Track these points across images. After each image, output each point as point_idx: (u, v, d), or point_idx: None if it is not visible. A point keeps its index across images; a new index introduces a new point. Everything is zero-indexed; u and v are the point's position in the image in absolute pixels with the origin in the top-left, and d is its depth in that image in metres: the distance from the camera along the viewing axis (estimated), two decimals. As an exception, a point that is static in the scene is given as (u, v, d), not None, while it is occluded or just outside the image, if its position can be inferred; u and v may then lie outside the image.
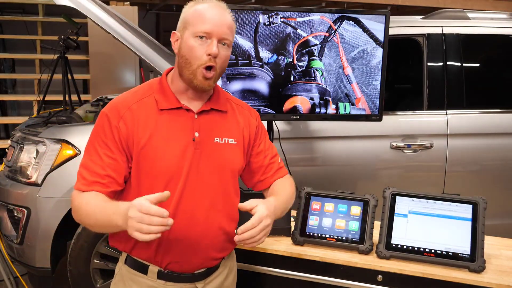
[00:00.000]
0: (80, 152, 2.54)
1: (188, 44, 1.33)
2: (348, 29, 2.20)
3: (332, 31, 2.19)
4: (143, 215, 1.13)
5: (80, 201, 1.32)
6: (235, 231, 1.30)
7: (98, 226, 1.30)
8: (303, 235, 1.76)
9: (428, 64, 2.87)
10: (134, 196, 1.29)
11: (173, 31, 1.39)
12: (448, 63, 2.88)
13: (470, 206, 1.70)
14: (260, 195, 1.55)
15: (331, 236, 1.75)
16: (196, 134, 1.37)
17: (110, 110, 1.36)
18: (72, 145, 2.54)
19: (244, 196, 1.74)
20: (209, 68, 1.33)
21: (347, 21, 2.19)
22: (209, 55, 1.32)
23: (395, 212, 1.74)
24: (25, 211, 2.56)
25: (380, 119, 2.32)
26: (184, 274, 1.40)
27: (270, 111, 2.23)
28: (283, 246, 1.76)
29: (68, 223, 2.60)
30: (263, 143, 1.56)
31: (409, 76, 3.89)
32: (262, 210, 1.30)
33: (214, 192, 1.39)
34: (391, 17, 2.25)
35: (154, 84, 1.43)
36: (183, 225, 1.34)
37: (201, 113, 1.40)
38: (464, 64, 2.90)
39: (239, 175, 1.52)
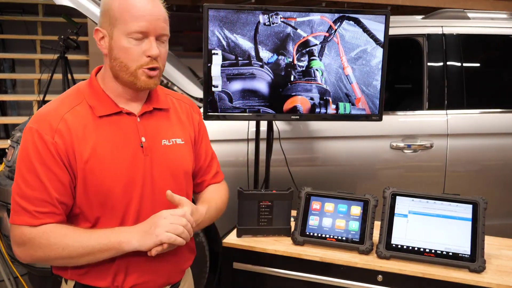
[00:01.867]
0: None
1: (121, 46, 1.19)
2: (348, 29, 2.20)
3: (332, 31, 2.19)
4: (179, 218, 1.16)
5: (46, 237, 1.14)
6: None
7: (81, 255, 1.16)
8: (303, 235, 1.76)
9: (428, 64, 2.87)
10: (87, 218, 1.21)
11: (96, 28, 1.22)
12: (448, 63, 2.88)
13: (470, 206, 1.69)
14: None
15: (331, 236, 1.75)
16: (143, 139, 1.26)
17: (39, 125, 1.17)
18: (72, 145, 2.54)
19: (245, 197, 1.75)
20: (151, 68, 1.22)
21: (347, 21, 2.19)
22: (149, 56, 1.20)
23: (395, 212, 1.74)
24: (25, 211, 2.56)
25: (380, 119, 2.32)
26: None
27: (270, 111, 2.23)
28: (283, 246, 1.75)
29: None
30: (204, 141, 1.47)
31: (409, 76, 3.89)
32: (188, 211, 1.21)
33: (170, 203, 1.28)
34: (391, 17, 2.25)
35: (83, 89, 1.26)
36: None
37: (143, 115, 1.28)
38: (464, 64, 2.90)
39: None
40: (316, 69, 2.22)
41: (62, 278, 1.31)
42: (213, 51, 2.11)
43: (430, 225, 1.69)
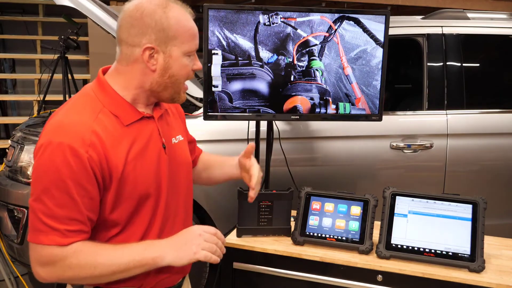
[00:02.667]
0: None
1: (181, 63, 1.22)
2: (348, 29, 2.20)
3: (332, 31, 2.19)
4: (212, 236, 1.21)
5: (78, 256, 1.12)
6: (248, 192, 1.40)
7: (114, 273, 1.15)
8: (303, 235, 1.76)
9: (428, 64, 2.87)
10: (117, 224, 1.20)
11: (148, 45, 1.18)
12: (448, 63, 2.88)
13: (470, 206, 1.70)
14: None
15: (331, 236, 1.75)
16: (164, 140, 1.30)
17: (69, 138, 1.11)
18: (72, 145, 2.54)
19: (245, 197, 1.75)
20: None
21: (347, 21, 2.19)
22: (195, 70, 1.26)
23: (395, 212, 1.74)
24: (26, 211, 2.56)
25: (380, 119, 2.32)
26: None
27: (270, 111, 2.23)
28: (283, 246, 1.75)
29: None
30: (186, 130, 1.53)
31: (409, 76, 3.89)
32: (254, 160, 1.43)
33: (184, 194, 1.37)
34: (391, 17, 2.25)
35: (99, 96, 1.22)
36: (169, 235, 1.26)
37: (158, 118, 1.32)
38: (464, 64, 2.90)
39: None
40: (316, 69, 2.22)
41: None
42: (213, 51, 2.11)
43: (430, 225, 1.70)
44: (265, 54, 2.16)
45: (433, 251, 1.65)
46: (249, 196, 1.39)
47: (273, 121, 2.41)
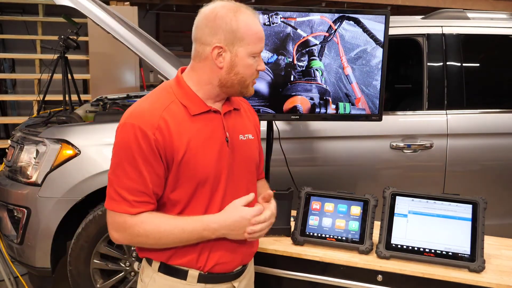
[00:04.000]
0: (80, 152, 2.53)
1: (246, 63, 1.35)
2: (348, 29, 2.20)
3: (332, 31, 2.19)
4: (263, 224, 1.35)
5: (144, 226, 1.30)
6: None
7: (175, 244, 1.33)
8: (303, 235, 1.76)
9: (428, 64, 2.87)
10: (177, 204, 1.34)
11: (217, 45, 1.32)
12: (448, 63, 2.88)
13: (470, 206, 1.70)
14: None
15: (331, 236, 1.75)
16: (227, 134, 1.40)
17: (141, 121, 1.29)
18: (72, 145, 2.54)
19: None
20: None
21: (347, 21, 2.19)
22: (258, 70, 1.39)
23: (395, 212, 1.74)
24: (25, 211, 2.56)
25: (380, 119, 2.32)
26: (225, 274, 1.42)
27: (270, 111, 2.23)
28: (283, 246, 1.76)
29: (68, 223, 2.60)
30: (259, 139, 1.60)
31: (409, 76, 3.89)
32: (273, 206, 1.45)
33: (247, 188, 1.44)
34: (391, 17, 2.25)
35: (174, 89, 1.38)
36: None
37: (226, 113, 1.43)
38: (464, 64, 2.90)
39: None
40: (316, 69, 2.22)
41: (142, 260, 1.45)
42: (213, 51, 2.11)
43: (430, 225, 1.70)
44: (265, 54, 2.16)
45: (433, 251, 1.65)
46: (246, 231, 1.38)
47: (273, 121, 2.41)
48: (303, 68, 2.21)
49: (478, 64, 3.09)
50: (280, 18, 2.14)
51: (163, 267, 1.39)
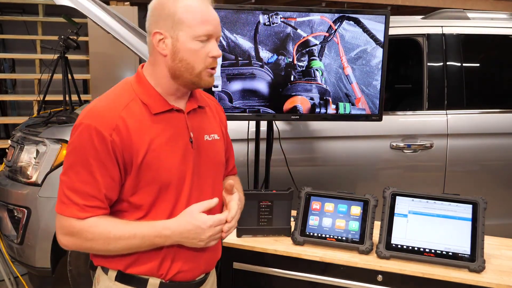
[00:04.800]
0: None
1: (188, 48, 1.25)
2: (348, 29, 2.20)
3: (332, 31, 2.19)
4: (217, 228, 1.27)
5: (92, 230, 1.22)
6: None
7: (125, 250, 1.25)
8: (303, 235, 1.76)
9: (428, 64, 2.87)
10: (140, 208, 1.26)
11: (156, 31, 1.25)
12: (448, 63, 2.88)
13: (470, 206, 1.70)
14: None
15: (331, 236, 1.75)
16: (192, 134, 1.34)
17: (97, 121, 1.21)
18: (72, 145, 2.54)
19: (245, 197, 1.74)
20: (213, 68, 1.31)
21: (347, 21, 2.19)
22: (213, 57, 1.28)
23: (395, 212, 1.74)
24: (25, 211, 2.56)
25: (380, 119, 2.32)
26: (188, 283, 1.35)
27: (270, 111, 2.23)
28: (283, 246, 1.75)
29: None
30: (228, 137, 1.56)
31: (409, 76, 3.89)
32: (236, 196, 1.38)
33: (212, 191, 1.38)
34: (391, 17, 2.25)
35: (133, 86, 1.31)
36: None
37: (190, 112, 1.36)
38: (464, 64, 2.90)
39: None
40: (316, 69, 2.22)
41: (95, 269, 1.37)
42: (213, 51, 2.11)
43: (430, 225, 1.69)
44: (265, 54, 2.16)
45: (433, 251, 1.65)
46: (223, 231, 1.32)
47: (273, 121, 2.41)
48: (303, 68, 2.21)
49: (478, 64, 3.09)
50: (280, 18, 2.14)
51: (120, 275, 1.30)
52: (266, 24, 2.14)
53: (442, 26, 2.90)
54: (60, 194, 1.24)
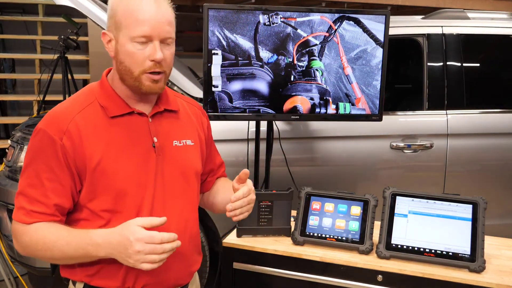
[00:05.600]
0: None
1: (126, 50, 1.19)
2: (348, 29, 2.20)
3: (332, 31, 2.19)
4: (156, 246, 1.08)
5: (31, 235, 1.17)
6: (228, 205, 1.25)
7: (64, 259, 1.19)
8: (303, 235, 1.76)
9: (428, 64, 2.87)
10: (100, 217, 1.20)
11: (103, 31, 1.23)
12: (448, 63, 2.88)
13: (470, 206, 1.69)
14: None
15: (331, 236, 1.75)
16: (155, 139, 1.26)
17: (48, 125, 1.18)
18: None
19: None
20: (155, 72, 1.21)
21: (347, 21, 2.19)
22: (153, 60, 1.19)
23: (395, 212, 1.74)
24: (25, 211, 2.56)
25: (380, 119, 2.32)
26: None
27: (270, 111, 2.23)
28: (283, 246, 1.75)
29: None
30: (213, 144, 1.50)
31: (409, 76, 3.89)
32: (250, 183, 1.28)
33: (182, 200, 1.30)
34: (391, 17, 2.25)
35: (95, 89, 1.27)
36: None
37: (155, 116, 1.29)
38: (464, 64, 2.90)
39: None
40: (316, 69, 2.22)
41: (69, 281, 1.31)
42: (213, 51, 2.11)
43: (430, 225, 1.69)
44: (265, 54, 2.16)
45: (433, 251, 1.65)
46: (227, 209, 1.25)
47: (273, 121, 2.41)
48: (303, 68, 2.21)
49: (478, 64, 3.09)
50: (280, 18, 2.14)
51: None
52: (266, 24, 2.14)
53: (442, 26, 2.90)
54: (15, 197, 1.22)
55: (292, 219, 1.85)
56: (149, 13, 1.17)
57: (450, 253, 1.64)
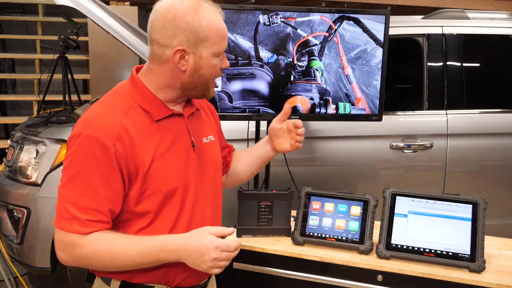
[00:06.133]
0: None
1: (210, 64, 1.24)
2: (348, 29, 2.20)
3: (332, 31, 2.19)
4: (230, 254, 1.19)
5: (91, 247, 1.16)
6: None
7: (131, 267, 1.20)
8: (303, 235, 1.76)
9: (428, 64, 2.87)
10: (144, 218, 1.23)
11: (179, 48, 1.19)
12: (448, 63, 2.88)
13: (470, 206, 1.69)
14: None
15: (331, 236, 1.75)
16: (193, 138, 1.32)
17: (98, 131, 1.15)
18: (72, 145, 2.54)
19: (245, 197, 1.75)
20: None
21: (347, 21, 2.19)
22: (223, 68, 1.30)
23: (395, 212, 1.74)
24: (25, 211, 2.56)
25: (380, 119, 2.32)
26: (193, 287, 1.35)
27: (270, 111, 2.23)
28: (283, 246, 1.75)
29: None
30: (221, 133, 1.57)
31: (409, 76, 3.89)
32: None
33: (213, 194, 1.37)
34: (391, 17, 2.25)
35: (131, 92, 1.25)
36: None
37: (189, 116, 1.34)
38: (464, 64, 2.90)
39: None
40: (316, 69, 2.22)
41: (93, 280, 1.33)
42: (213, 51, 2.11)
43: (430, 225, 1.69)
44: (265, 54, 2.16)
45: (433, 251, 1.65)
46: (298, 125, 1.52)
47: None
48: (303, 68, 2.21)
49: (478, 64, 3.09)
50: (280, 18, 2.14)
51: (123, 286, 1.26)
52: (266, 24, 2.14)
53: (442, 26, 2.90)
54: (59, 208, 1.17)
55: (292, 219, 1.85)
56: (225, 28, 1.27)
57: (450, 253, 1.64)
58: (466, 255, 1.62)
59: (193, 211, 1.29)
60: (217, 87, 2.15)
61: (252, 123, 2.50)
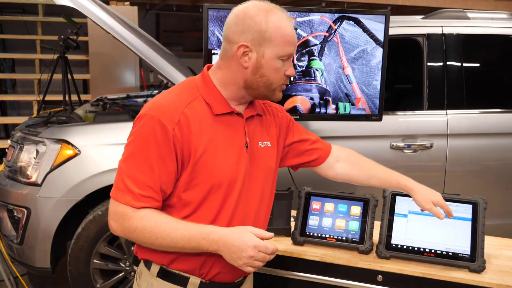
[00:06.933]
0: (80, 152, 2.53)
1: (272, 65, 1.30)
2: (348, 29, 2.20)
3: (332, 31, 2.19)
4: (265, 255, 1.22)
5: (140, 222, 1.23)
6: None
7: (172, 248, 1.26)
8: (303, 235, 1.76)
9: (428, 64, 2.87)
10: (188, 205, 1.29)
11: (243, 43, 1.28)
12: (448, 63, 2.88)
13: (470, 206, 1.70)
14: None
15: (331, 236, 1.75)
16: (247, 140, 1.37)
17: (161, 114, 1.25)
18: (72, 145, 2.54)
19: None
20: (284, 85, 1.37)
21: (347, 21, 2.19)
22: (288, 75, 1.34)
23: (395, 212, 1.74)
24: (25, 211, 2.56)
25: (380, 119, 2.32)
26: (227, 284, 1.37)
27: (270, 111, 2.22)
28: (283, 246, 1.75)
29: (68, 223, 2.60)
30: (298, 126, 1.61)
31: (409, 76, 3.89)
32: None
33: (259, 197, 1.40)
34: (391, 17, 2.25)
35: (198, 86, 1.35)
36: None
37: (248, 118, 1.39)
38: (464, 64, 2.90)
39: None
40: (316, 69, 2.22)
41: (139, 264, 1.39)
42: (213, 51, 2.11)
43: (430, 225, 1.69)
44: (265, 54, 2.16)
45: (433, 251, 1.65)
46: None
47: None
48: (303, 68, 2.21)
49: (478, 64, 3.09)
50: (280, 18, 2.14)
51: (162, 272, 1.33)
52: (266, 24, 2.14)
53: (442, 26, 2.90)
54: (117, 180, 1.26)
55: (292, 219, 1.85)
56: (294, 36, 1.33)
57: (450, 253, 1.64)
58: (466, 255, 1.62)
59: (235, 209, 1.32)
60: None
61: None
